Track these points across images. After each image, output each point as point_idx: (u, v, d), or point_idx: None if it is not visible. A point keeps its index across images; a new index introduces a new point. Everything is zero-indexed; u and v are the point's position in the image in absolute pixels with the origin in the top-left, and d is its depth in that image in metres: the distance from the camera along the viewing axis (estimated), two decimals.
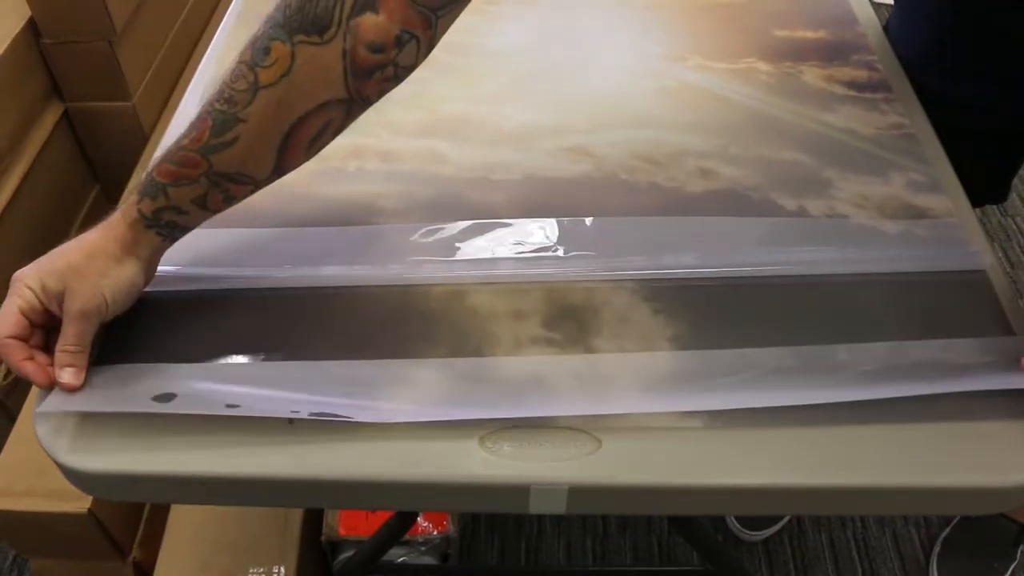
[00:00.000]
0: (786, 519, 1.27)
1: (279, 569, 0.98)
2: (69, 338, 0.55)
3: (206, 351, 0.59)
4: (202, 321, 0.61)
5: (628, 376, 0.57)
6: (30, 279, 0.55)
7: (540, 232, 0.67)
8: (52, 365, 0.56)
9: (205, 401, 0.55)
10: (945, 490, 0.53)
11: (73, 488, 0.56)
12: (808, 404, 0.55)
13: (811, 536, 1.26)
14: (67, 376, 0.55)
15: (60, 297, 0.55)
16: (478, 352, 0.58)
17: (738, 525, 1.25)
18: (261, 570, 0.98)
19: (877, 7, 0.93)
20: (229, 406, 0.54)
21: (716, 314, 0.61)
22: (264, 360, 0.58)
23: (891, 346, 0.58)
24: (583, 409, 0.54)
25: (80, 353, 0.56)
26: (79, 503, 0.93)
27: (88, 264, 0.56)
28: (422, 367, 0.57)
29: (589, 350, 0.59)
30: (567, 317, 0.61)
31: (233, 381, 0.56)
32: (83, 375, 0.56)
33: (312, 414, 0.54)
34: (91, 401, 0.55)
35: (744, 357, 0.57)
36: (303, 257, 0.65)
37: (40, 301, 0.55)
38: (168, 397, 0.55)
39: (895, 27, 0.87)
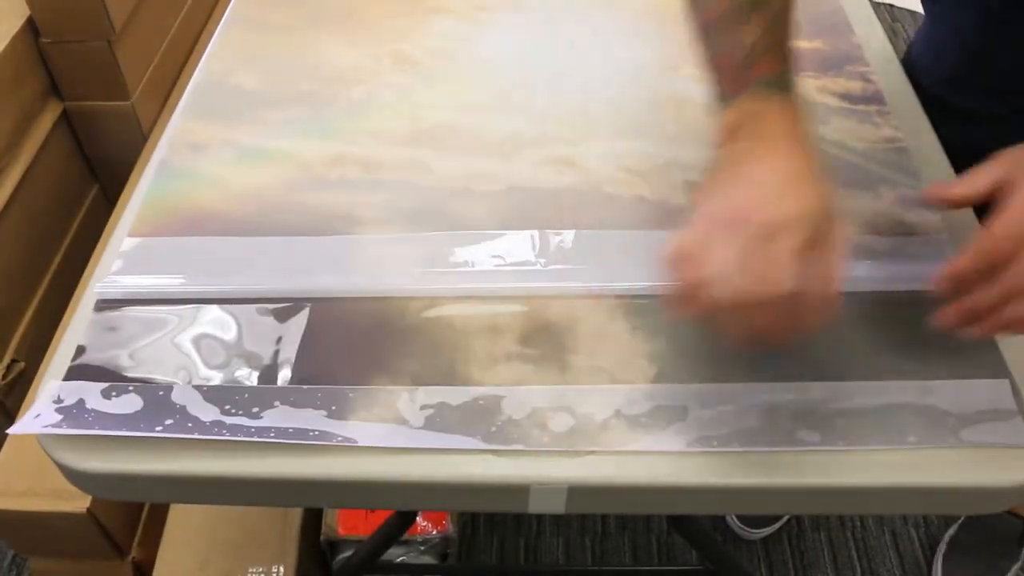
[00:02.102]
0: (785, 518, 1.27)
1: (278, 568, 0.98)
2: None
3: (187, 367, 0.59)
4: (182, 335, 0.61)
5: (603, 408, 0.55)
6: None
7: (521, 244, 0.66)
8: None
9: (190, 426, 0.55)
10: (945, 490, 0.53)
11: (72, 487, 0.57)
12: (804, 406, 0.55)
13: (810, 535, 1.26)
14: None
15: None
16: (451, 368, 0.58)
17: (738, 523, 1.25)
18: (260, 569, 0.98)
19: (881, 7, 0.92)
20: (212, 427, 0.54)
21: (697, 333, 0.60)
22: (240, 376, 0.58)
23: (872, 386, 0.57)
24: (555, 446, 0.54)
25: None
26: (78, 502, 0.93)
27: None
28: (397, 392, 0.56)
29: (565, 368, 0.58)
30: (544, 333, 0.60)
31: (214, 401, 0.56)
32: None
33: (286, 436, 0.54)
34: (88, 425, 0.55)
35: (721, 392, 0.56)
36: (282, 267, 0.65)
37: None
38: (156, 415, 0.55)
39: (922, 42, 0.86)
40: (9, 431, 0.55)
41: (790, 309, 0.48)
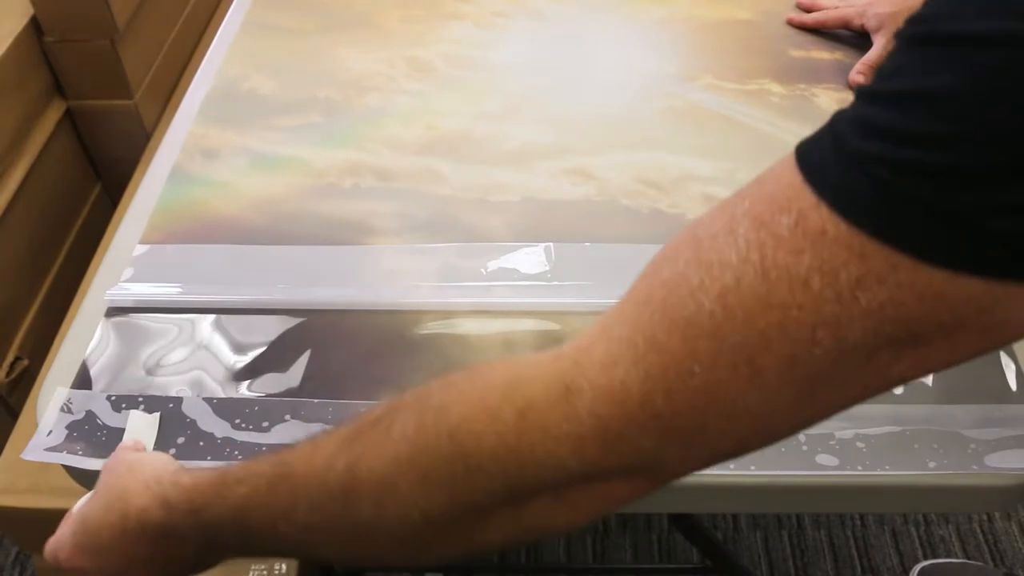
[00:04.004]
0: None
1: (280, 567, 0.99)
2: None
3: (197, 378, 0.59)
4: (192, 345, 0.61)
5: None
6: None
7: (535, 258, 0.65)
8: None
9: (202, 445, 0.55)
10: (944, 489, 0.54)
11: (76, 485, 0.57)
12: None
13: (810, 533, 1.26)
14: None
15: None
16: None
17: None
18: (263, 567, 0.98)
19: None
20: (224, 446, 0.54)
21: None
22: (249, 388, 0.58)
23: (891, 410, 0.56)
24: None
25: None
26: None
27: None
28: None
29: None
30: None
31: (223, 415, 0.56)
32: None
33: None
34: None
35: None
36: (294, 278, 0.64)
37: None
38: (168, 431, 0.56)
39: None
40: (22, 456, 0.55)
41: None
